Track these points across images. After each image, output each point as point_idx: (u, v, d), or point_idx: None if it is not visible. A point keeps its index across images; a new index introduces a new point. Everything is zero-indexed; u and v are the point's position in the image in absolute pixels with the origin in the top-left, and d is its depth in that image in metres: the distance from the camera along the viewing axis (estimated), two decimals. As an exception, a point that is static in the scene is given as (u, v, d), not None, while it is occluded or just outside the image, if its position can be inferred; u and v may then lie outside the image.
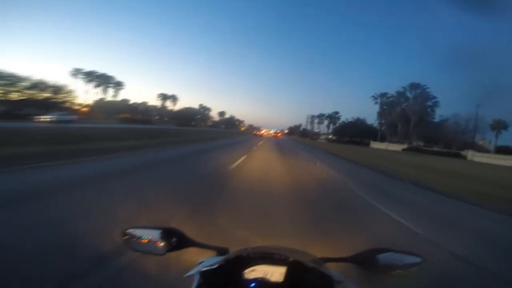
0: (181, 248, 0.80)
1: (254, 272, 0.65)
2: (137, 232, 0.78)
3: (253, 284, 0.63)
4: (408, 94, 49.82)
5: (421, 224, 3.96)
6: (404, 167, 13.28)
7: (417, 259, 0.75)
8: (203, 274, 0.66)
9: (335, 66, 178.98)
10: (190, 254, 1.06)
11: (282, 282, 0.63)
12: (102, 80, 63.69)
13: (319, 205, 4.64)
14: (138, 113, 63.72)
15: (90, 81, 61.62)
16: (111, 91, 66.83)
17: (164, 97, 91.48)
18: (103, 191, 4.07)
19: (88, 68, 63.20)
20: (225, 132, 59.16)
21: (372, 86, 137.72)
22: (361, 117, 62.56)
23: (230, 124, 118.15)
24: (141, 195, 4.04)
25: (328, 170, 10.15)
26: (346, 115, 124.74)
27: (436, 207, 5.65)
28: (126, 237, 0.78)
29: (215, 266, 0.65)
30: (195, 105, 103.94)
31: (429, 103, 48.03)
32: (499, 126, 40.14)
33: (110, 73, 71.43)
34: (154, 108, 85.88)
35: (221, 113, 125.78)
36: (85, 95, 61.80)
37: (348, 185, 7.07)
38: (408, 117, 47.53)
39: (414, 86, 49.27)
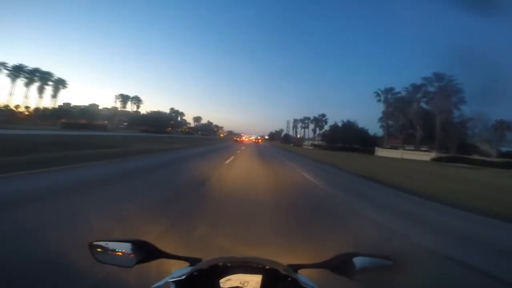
0: (151, 259, 0.76)
1: (230, 281, 0.65)
2: (104, 244, 0.74)
3: None
4: (428, 88, 36.58)
5: None
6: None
7: (388, 262, 0.74)
8: (178, 284, 0.64)
9: (319, 68, 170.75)
10: (163, 266, 1.09)
11: None
12: (35, 76, 49.83)
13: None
14: (90, 117, 53.69)
15: (17, 77, 47.93)
16: (50, 90, 53.44)
17: (124, 98, 76.82)
18: None
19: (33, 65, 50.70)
20: (203, 139, 51.46)
21: (362, 87, 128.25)
22: (351, 120, 52.05)
23: (207, 131, 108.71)
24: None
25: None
26: (334, 119, 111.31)
27: None
28: (93, 249, 0.74)
29: (188, 276, 0.64)
30: (165, 109, 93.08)
31: (454, 99, 34.25)
32: (502, 127, 34.98)
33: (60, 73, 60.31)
34: (112, 111, 72.98)
35: (197, 119, 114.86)
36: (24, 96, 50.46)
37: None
38: (428, 117, 34.85)
39: (438, 77, 35.07)
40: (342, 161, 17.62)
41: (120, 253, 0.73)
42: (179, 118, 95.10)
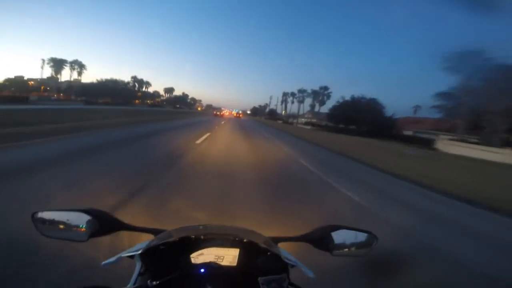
0: (107, 232, 0.66)
1: (203, 255, 0.58)
2: (50, 215, 0.64)
3: (202, 270, 0.56)
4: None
5: None
6: None
7: (371, 237, 0.72)
8: (143, 259, 0.57)
9: (316, 34, 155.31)
10: (124, 240, 0.99)
11: (236, 266, 0.59)
12: None
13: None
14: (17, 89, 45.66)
15: None
16: None
17: (57, 63, 57.38)
18: None
19: None
20: (175, 112, 43.21)
21: (369, 61, 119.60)
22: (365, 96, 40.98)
23: (182, 103, 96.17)
24: None
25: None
26: (339, 93, 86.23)
27: None
28: (37, 221, 0.64)
29: (149, 250, 0.55)
30: (126, 78, 77.33)
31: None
32: None
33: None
34: (44, 81, 57.82)
35: (169, 90, 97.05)
36: None
37: None
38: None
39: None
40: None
41: (71, 225, 0.63)
42: (144, 89, 80.00)
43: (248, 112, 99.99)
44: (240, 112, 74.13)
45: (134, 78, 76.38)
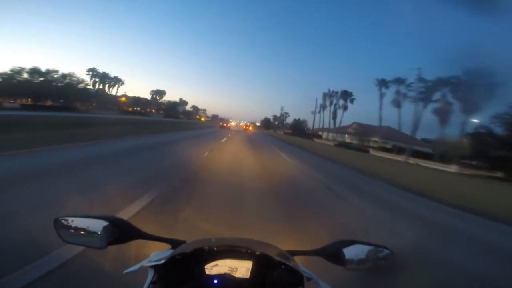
0: (126, 240, 0.67)
1: (217, 267, 0.59)
2: (72, 221, 0.65)
3: (215, 281, 0.56)
4: None
5: None
6: None
7: (385, 252, 0.72)
8: (156, 269, 0.58)
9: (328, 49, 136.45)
10: (141, 248, 0.97)
11: (249, 278, 0.59)
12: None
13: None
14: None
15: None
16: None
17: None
18: None
19: None
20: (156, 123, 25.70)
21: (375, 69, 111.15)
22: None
23: (175, 111, 67.21)
24: None
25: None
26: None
27: None
28: (59, 226, 0.65)
29: (168, 260, 0.56)
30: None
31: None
32: None
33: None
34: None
35: (157, 93, 71.31)
36: None
37: None
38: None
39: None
40: None
41: (91, 232, 0.64)
42: (115, 89, 58.69)
43: (258, 124, 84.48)
44: (249, 124, 61.99)
45: (92, 71, 54.26)
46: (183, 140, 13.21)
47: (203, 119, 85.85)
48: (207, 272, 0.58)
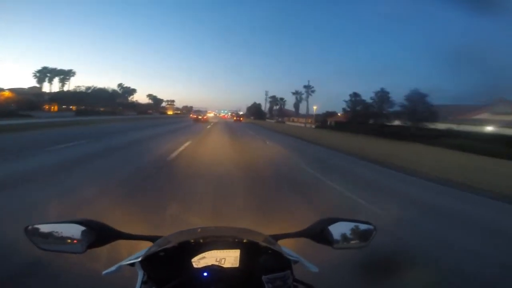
0: (105, 243, 0.65)
1: (204, 259, 0.58)
2: (44, 228, 0.62)
3: (205, 273, 0.55)
4: None
5: None
6: None
7: (369, 227, 0.73)
8: (145, 267, 0.57)
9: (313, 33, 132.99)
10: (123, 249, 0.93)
11: (238, 267, 0.59)
12: None
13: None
14: None
15: None
16: None
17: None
18: None
19: None
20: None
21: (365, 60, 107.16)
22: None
23: (111, 103, 48.00)
24: None
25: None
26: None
27: None
28: (31, 234, 0.62)
29: (148, 257, 0.55)
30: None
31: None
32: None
33: None
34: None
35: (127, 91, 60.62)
36: None
37: None
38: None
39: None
40: None
41: (67, 237, 0.61)
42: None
43: (241, 113, 72.73)
44: (229, 114, 55.45)
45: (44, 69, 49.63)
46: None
47: (170, 112, 70.45)
48: (194, 265, 0.57)
